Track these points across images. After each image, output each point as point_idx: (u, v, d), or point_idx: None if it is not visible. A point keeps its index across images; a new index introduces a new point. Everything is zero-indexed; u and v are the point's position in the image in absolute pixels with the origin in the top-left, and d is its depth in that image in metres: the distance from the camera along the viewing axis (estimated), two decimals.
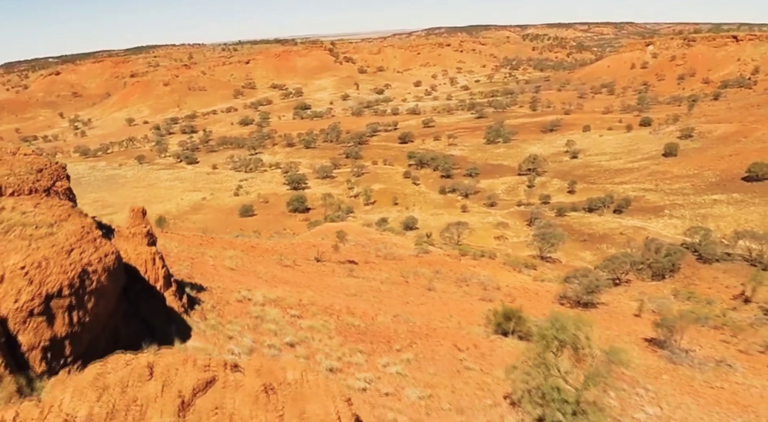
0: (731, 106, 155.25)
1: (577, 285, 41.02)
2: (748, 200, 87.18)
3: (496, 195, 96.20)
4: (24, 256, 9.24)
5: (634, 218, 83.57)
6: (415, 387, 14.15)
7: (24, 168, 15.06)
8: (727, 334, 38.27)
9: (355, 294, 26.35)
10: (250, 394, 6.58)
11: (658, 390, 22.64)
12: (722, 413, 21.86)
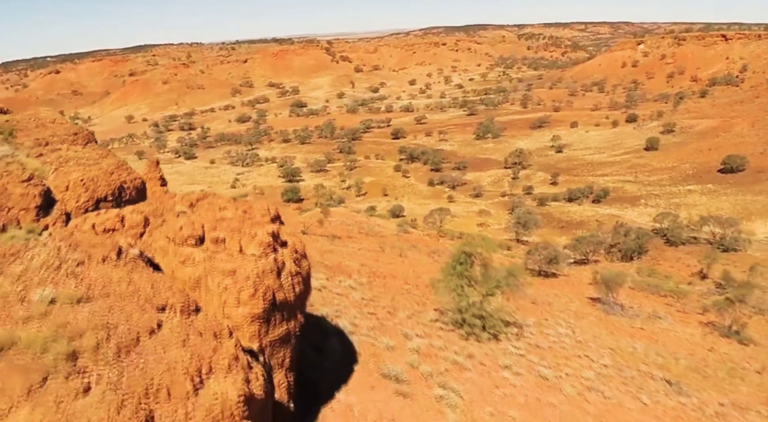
0: (716, 103, 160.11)
1: (537, 256, 45.71)
2: (720, 190, 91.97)
3: (481, 186, 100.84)
4: (81, 174, 13.86)
5: (611, 207, 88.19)
6: (362, 294, 18.66)
7: (63, 130, 19.77)
8: (671, 300, 43.22)
9: (331, 251, 30.85)
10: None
11: (579, 323, 27.16)
12: (629, 340, 26.38)
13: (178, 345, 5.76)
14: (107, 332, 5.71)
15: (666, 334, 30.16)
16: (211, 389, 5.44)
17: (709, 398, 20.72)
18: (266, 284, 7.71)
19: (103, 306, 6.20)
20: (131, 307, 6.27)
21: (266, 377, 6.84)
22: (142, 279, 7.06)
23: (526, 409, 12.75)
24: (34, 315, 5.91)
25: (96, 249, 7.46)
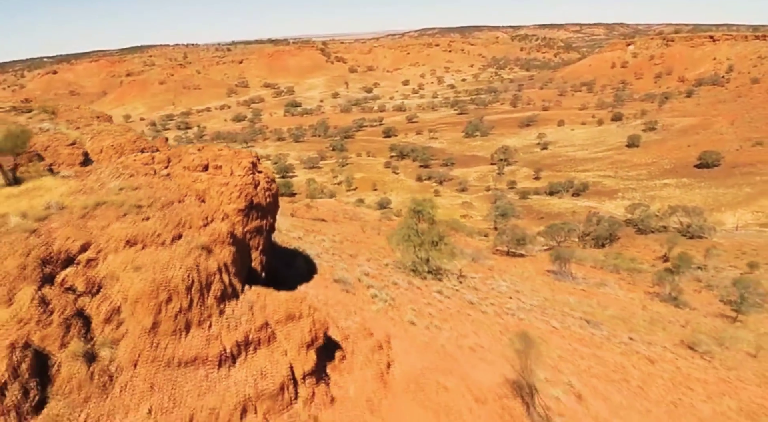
0: (700, 102, 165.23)
1: (506, 237, 50.50)
2: (695, 184, 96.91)
3: (467, 182, 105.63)
4: (112, 141, 18.51)
5: (590, 200, 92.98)
6: (332, 245, 23.35)
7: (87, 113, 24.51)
8: (626, 275, 48.19)
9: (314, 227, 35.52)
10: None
11: (523, 282, 31.84)
12: (565, 295, 31.04)
13: (195, 206, 10.37)
14: (153, 199, 10.36)
15: (605, 296, 34.86)
16: (212, 226, 10.02)
17: (620, 333, 25.37)
18: (247, 191, 12.26)
19: (149, 191, 10.86)
20: (166, 192, 10.90)
21: (246, 244, 11.52)
22: (170, 184, 11.73)
23: (443, 313, 17.32)
24: (112, 192, 10.56)
25: (139, 169, 12.14)
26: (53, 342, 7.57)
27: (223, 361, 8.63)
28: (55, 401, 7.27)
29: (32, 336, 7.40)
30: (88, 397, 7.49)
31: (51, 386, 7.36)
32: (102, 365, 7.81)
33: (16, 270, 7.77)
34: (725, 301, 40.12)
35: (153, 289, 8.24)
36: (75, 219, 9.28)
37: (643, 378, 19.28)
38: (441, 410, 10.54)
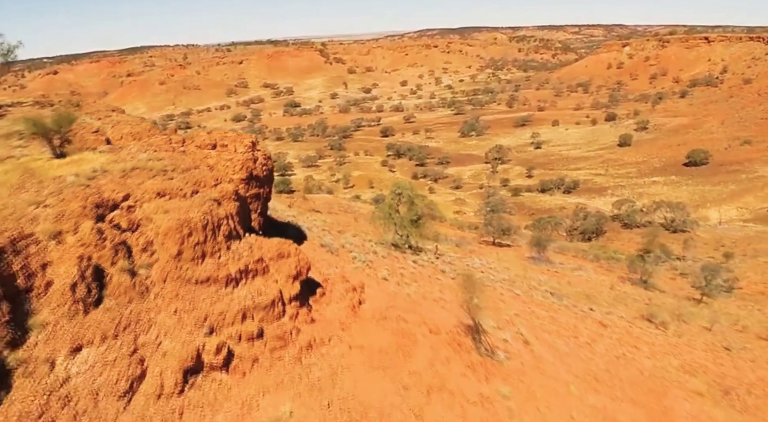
0: (692, 103, 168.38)
1: (491, 228, 53.46)
2: (682, 181, 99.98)
3: (461, 179, 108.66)
4: (130, 129, 21.42)
5: (580, 197, 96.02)
6: (323, 223, 26.32)
7: (104, 107, 27.44)
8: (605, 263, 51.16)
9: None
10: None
11: (499, 262, 34.74)
12: (537, 275, 33.96)
13: (208, 172, 13.31)
14: (175, 166, 13.32)
15: (577, 278, 37.79)
16: (221, 186, 12.95)
17: (582, 304, 28.29)
18: (248, 165, 15.17)
19: (171, 161, 13.83)
20: (184, 162, 13.86)
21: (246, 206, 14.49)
22: (186, 157, 14.71)
23: (414, 275, 20.25)
24: (142, 161, 13.54)
25: (161, 146, 15.12)
26: (106, 260, 10.54)
27: (229, 282, 11.58)
28: (108, 300, 10.23)
29: (92, 255, 10.37)
30: (132, 299, 10.45)
31: (105, 290, 10.33)
32: (141, 279, 10.77)
33: (79, 209, 10.74)
34: (696, 287, 43.10)
35: (178, 226, 11.21)
36: (116, 178, 12.26)
37: (592, 337, 22.20)
38: (399, 333, 13.49)
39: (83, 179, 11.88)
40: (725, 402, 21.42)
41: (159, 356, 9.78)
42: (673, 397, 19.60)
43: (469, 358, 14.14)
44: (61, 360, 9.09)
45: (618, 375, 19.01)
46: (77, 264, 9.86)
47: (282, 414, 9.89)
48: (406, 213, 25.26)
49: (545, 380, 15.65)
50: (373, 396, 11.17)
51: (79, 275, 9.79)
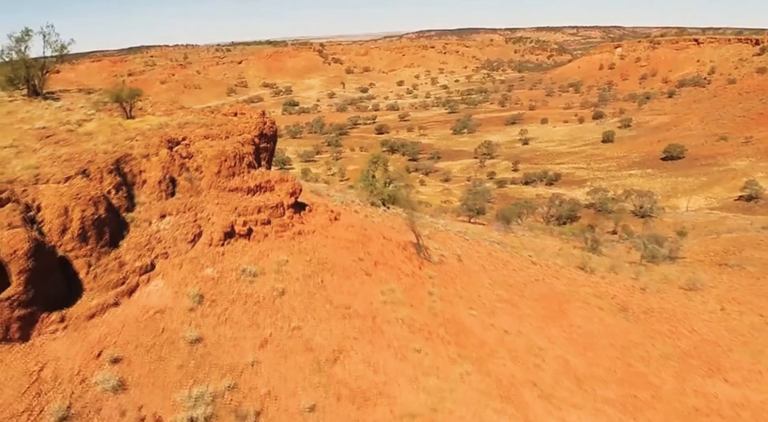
0: (677, 102, 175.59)
1: (466, 206, 60.49)
2: (657, 174, 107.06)
3: (451, 173, 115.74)
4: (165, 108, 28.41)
5: (561, 188, 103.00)
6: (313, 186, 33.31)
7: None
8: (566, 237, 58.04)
9: None
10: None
11: (462, 227, 41.66)
12: (493, 234, 40.85)
13: (234, 125, 20.25)
14: (213, 122, 20.28)
15: (531, 241, 44.75)
16: (243, 135, 19.86)
17: (527, 253, 35.22)
18: (259, 125, 22.00)
19: (209, 119, 20.81)
20: (217, 119, 20.84)
21: (258, 154, 21.49)
22: (218, 118, 21.70)
23: (383, 217, 27.13)
24: (190, 119, 20.53)
25: (199, 112, 22.17)
26: (176, 172, 17.50)
27: (249, 191, 18.53)
28: (178, 194, 17.19)
29: (168, 168, 17.36)
30: (191, 195, 17.41)
31: (176, 188, 17.31)
32: (195, 185, 17.74)
33: (157, 142, 17.71)
34: (645, 256, 50.12)
35: (218, 155, 18.18)
36: (176, 128, 19.24)
37: (519, 266, 29.07)
38: (361, 234, 20.46)
39: (155, 128, 18.89)
40: (620, 315, 28.42)
41: (209, 224, 16.77)
42: (574, 306, 26.58)
43: (409, 254, 21.14)
44: (155, 221, 16.09)
45: (531, 288, 25.90)
46: (161, 171, 16.86)
47: (282, 260, 16.88)
48: (380, 176, 32.16)
49: (466, 276, 22.59)
50: (339, 261, 18.17)
51: (162, 177, 16.79)
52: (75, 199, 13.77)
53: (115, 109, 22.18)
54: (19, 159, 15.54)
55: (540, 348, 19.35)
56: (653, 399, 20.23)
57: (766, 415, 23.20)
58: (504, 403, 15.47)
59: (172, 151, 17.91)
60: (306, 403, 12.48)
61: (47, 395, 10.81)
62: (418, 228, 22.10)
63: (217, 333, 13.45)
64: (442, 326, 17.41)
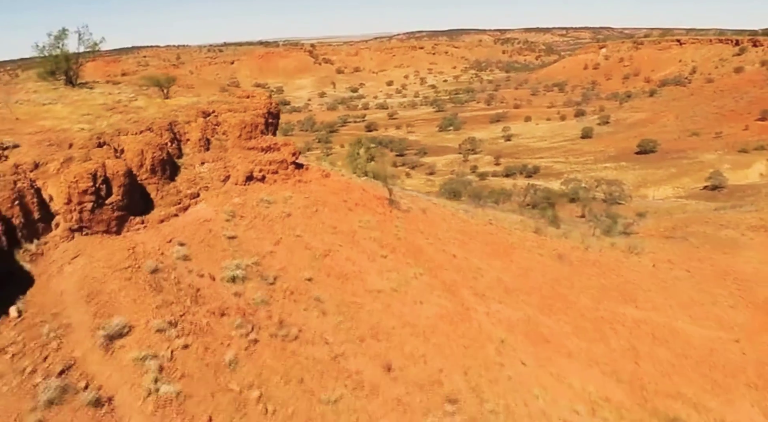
0: (656, 101, 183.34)
1: (443, 190, 67.33)
2: (630, 167, 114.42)
3: (436, 167, 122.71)
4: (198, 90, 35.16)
5: (539, 180, 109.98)
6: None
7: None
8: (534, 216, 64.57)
9: None
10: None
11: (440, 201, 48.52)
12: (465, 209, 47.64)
13: (249, 103, 26.91)
14: (233, 101, 26.98)
15: (496, 213, 51.56)
16: (256, 111, 26.60)
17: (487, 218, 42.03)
18: (267, 105, 28.52)
19: (229, 98, 27.54)
20: (237, 100, 27.54)
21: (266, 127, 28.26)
22: (234, 97, 28.41)
23: (360, 183, 33.90)
24: (215, 98, 27.20)
25: (219, 93, 28.90)
26: (210, 134, 24.21)
27: (261, 150, 25.24)
28: (211, 149, 23.92)
29: (204, 130, 24.07)
30: (221, 150, 24.13)
31: (210, 145, 24.05)
32: (223, 143, 24.44)
33: (195, 113, 24.43)
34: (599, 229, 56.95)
35: (239, 123, 24.90)
36: (205, 104, 25.96)
37: (477, 224, 35.81)
38: (345, 186, 27.22)
39: (191, 104, 25.60)
40: (557, 261, 35.29)
41: (235, 170, 23.49)
42: (518, 251, 33.46)
43: (382, 202, 27.96)
44: (197, 166, 22.80)
45: (483, 236, 32.71)
46: (199, 132, 23.57)
47: (287, 196, 23.62)
48: (363, 154, 38.89)
49: (427, 221, 29.38)
50: (328, 200, 24.94)
51: (200, 137, 23.51)
52: (147, 145, 20.45)
53: (152, 92, 28.85)
54: (99, 121, 22.20)
55: (480, 269, 26.16)
56: (567, 308, 27.10)
57: (662, 330, 30.26)
58: (445, 293, 22.26)
59: (206, 119, 24.61)
60: (306, 276, 19.23)
61: (141, 259, 17.46)
62: (391, 187, 28.83)
63: (245, 234, 20.17)
64: (404, 246, 24.19)
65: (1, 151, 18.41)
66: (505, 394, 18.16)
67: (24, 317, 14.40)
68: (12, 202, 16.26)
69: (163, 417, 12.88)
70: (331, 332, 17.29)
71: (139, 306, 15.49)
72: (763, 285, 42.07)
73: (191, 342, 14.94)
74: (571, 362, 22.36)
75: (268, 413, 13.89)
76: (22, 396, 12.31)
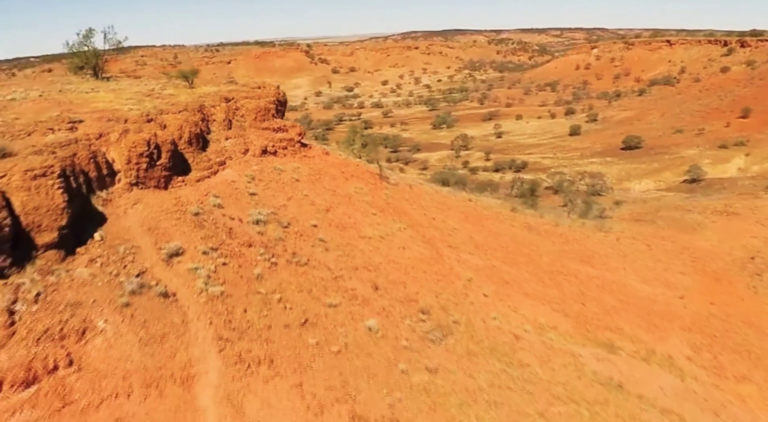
0: (644, 99, 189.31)
1: (433, 180, 72.76)
2: (615, 162, 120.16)
3: (429, 162, 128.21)
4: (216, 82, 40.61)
5: (527, 175, 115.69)
6: None
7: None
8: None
9: None
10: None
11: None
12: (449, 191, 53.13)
13: (262, 92, 32.27)
14: (248, 90, 32.40)
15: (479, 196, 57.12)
16: (268, 98, 31.94)
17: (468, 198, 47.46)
18: (276, 94, 33.85)
19: (244, 88, 32.94)
20: (249, 89, 32.97)
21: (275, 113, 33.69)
22: (247, 88, 33.83)
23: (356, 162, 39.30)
24: (233, 87, 32.56)
25: (235, 85, 34.31)
26: (231, 115, 29.64)
27: (274, 130, 30.65)
28: (233, 127, 29.39)
29: (227, 112, 29.51)
30: (240, 129, 29.57)
31: (232, 124, 29.51)
32: (242, 124, 29.87)
33: (219, 99, 29.87)
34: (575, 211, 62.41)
35: (255, 108, 30.33)
36: (226, 92, 31.39)
37: (457, 199, 41.24)
38: (342, 162, 32.67)
39: (214, 92, 31.00)
40: (526, 229, 40.81)
41: (252, 145, 28.91)
42: (491, 220, 38.96)
43: (374, 176, 33.40)
44: (222, 141, 28.22)
45: (461, 208, 38.17)
46: (223, 114, 29.01)
47: (295, 166, 29.06)
48: (358, 141, 44.26)
49: (413, 193, 34.82)
50: (328, 171, 30.39)
51: (224, 118, 28.94)
52: (185, 122, 25.84)
53: (175, 83, 34.23)
54: (143, 104, 27.56)
55: (455, 229, 31.64)
56: (528, 263, 32.62)
57: (611, 284, 35.81)
58: (424, 243, 27.72)
59: (227, 104, 30.03)
60: (312, 223, 24.67)
61: (185, 206, 22.78)
62: (381, 165, 34.23)
63: (263, 192, 25.60)
64: (391, 208, 29.66)
65: (72, 124, 23.76)
66: (467, 313, 23.61)
67: (105, 240, 19.74)
68: (88, 159, 21.62)
69: (212, 307, 18.24)
70: (332, 262, 22.72)
71: (187, 237, 20.89)
72: (715, 259, 48.05)
73: (228, 262, 20.34)
74: (526, 299, 27.83)
75: (286, 309, 19.27)
76: (113, 288, 17.65)
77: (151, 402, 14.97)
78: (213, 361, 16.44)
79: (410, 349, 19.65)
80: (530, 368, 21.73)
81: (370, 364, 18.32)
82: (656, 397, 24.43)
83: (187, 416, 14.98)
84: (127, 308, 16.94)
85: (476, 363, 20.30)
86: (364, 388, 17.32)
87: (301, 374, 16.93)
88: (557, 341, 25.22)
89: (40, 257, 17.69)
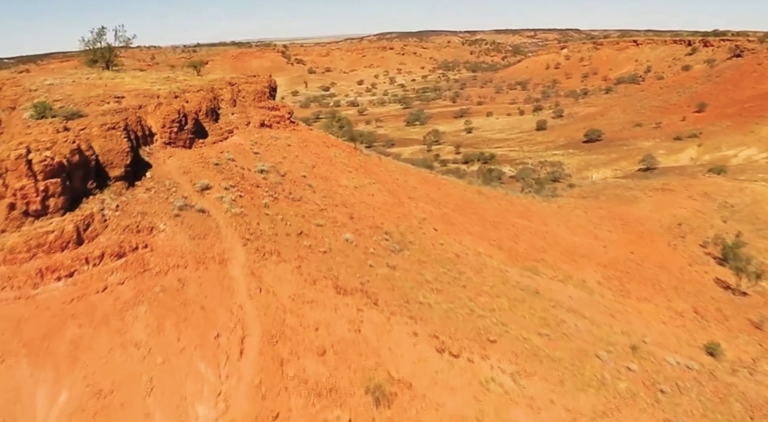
0: (610, 97, 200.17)
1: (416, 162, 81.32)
2: (576, 153, 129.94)
3: (401, 156, 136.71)
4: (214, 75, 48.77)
5: (494, 166, 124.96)
6: None
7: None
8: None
9: None
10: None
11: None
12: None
13: (256, 80, 40.41)
14: (248, 77, 40.58)
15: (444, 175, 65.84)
16: (263, 84, 40.04)
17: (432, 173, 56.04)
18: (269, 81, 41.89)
19: (244, 76, 41.15)
20: (248, 77, 41.15)
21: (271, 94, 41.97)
22: (245, 76, 42.03)
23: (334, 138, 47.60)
24: (235, 75, 40.72)
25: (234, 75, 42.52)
26: (235, 96, 37.88)
27: (269, 108, 38.87)
28: (237, 105, 37.67)
29: (233, 93, 37.73)
30: (242, 109, 37.81)
31: (236, 105, 37.75)
32: (244, 103, 38.09)
33: (225, 84, 38.07)
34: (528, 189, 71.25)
35: (254, 91, 38.57)
36: (229, 78, 39.60)
37: (419, 171, 49.72)
38: (324, 135, 41.06)
39: (219, 78, 39.20)
40: (476, 193, 49.38)
41: (253, 119, 37.17)
42: (446, 185, 47.49)
43: (350, 147, 41.78)
44: (229, 116, 36.45)
45: (422, 175, 46.65)
46: (230, 95, 37.24)
47: (287, 136, 37.38)
48: (336, 124, 52.51)
49: (382, 163, 43.23)
50: (313, 140, 38.74)
51: (231, 97, 37.18)
52: (203, 99, 33.97)
53: (187, 70, 42.32)
54: (166, 86, 35.57)
55: (415, 187, 40.13)
56: (474, 214, 41.21)
57: (543, 233, 44.46)
58: (389, 194, 36.17)
59: (232, 87, 38.17)
60: (302, 174, 33.00)
61: (208, 159, 30.96)
62: (355, 140, 42.61)
63: (264, 152, 33.84)
64: (363, 169, 38.08)
65: (118, 98, 31.79)
66: (422, 239, 32.11)
67: (153, 178, 27.81)
68: (136, 122, 29.69)
69: (235, 220, 26.43)
70: (318, 200, 31.08)
71: (212, 178, 29.08)
72: (644, 223, 57.33)
73: (243, 195, 28.58)
74: (469, 236, 36.42)
75: (287, 225, 27.55)
76: (166, 205, 25.75)
77: (201, 272, 23.15)
78: (239, 251, 24.65)
79: (376, 255, 28.07)
80: (465, 274, 30.25)
81: (347, 260, 26.69)
82: (565, 301, 33.14)
83: (224, 281, 23.17)
84: (178, 217, 25.08)
85: (425, 266, 28.79)
86: (343, 273, 25.69)
87: (300, 262, 25.23)
88: (490, 262, 33.81)
89: (112, 185, 25.76)
